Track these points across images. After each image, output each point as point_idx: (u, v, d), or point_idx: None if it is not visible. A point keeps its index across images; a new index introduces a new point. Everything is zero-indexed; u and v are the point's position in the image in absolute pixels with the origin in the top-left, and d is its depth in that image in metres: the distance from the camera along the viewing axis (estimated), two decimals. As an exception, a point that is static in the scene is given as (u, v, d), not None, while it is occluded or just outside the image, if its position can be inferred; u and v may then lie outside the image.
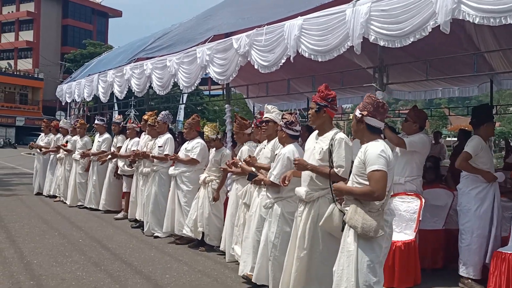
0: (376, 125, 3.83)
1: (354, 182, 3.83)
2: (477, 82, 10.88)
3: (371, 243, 3.67)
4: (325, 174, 4.44)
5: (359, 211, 3.70)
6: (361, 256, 3.68)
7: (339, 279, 3.80)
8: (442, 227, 6.30)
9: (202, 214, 7.19)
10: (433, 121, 52.47)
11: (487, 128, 5.79)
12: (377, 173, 3.60)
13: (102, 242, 7.63)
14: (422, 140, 6.05)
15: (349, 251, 3.75)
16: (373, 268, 3.66)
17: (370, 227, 3.62)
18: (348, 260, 3.74)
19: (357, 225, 3.65)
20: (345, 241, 3.84)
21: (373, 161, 3.63)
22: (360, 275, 3.66)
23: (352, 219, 3.70)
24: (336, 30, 5.68)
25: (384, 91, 5.67)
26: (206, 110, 49.63)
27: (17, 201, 11.89)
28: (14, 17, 64.46)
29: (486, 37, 7.43)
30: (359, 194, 3.71)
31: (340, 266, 3.84)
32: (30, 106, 59.27)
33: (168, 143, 8.23)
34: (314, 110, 4.59)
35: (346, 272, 3.75)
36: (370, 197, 3.65)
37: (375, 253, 3.69)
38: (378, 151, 3.66)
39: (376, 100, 3.85)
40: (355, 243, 3.71)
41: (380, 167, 3.61)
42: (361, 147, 3.84)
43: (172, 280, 5.78)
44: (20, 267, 6.14)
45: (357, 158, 3.82)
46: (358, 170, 3.77)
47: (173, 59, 8.96)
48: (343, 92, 11.72)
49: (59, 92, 15.48)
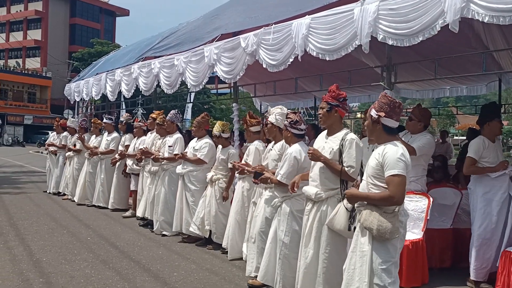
0: (392, 126, 3.75)
1: (369, 183, 3.76)
2: (486, 80, 10.83)
3: (385, 244, 3.62)
4: (336, 171, 4.44)
5: (374, 213, 3.64)
6: (375, 257, 3.63)
7: (350, 278, 3.77)
8: (450, 227, 6.29)
9: (209, 213, 7.21)
10: (440, 120, 52.23)
11: (491, 126, 5.73)
12: (396, 178, 3.54)
13: (110, 240, 7.68)
14: (429, 142, 6.06)
15: (363, 251, 3.70)
16: (388, 269, 3.62)
17: (386, 229, 3.56)
18: (361, 260, 3.69)
19: (372, 227, 3.59)
20: (358, 240, 3.79)
21: (392, 165, 3.56)
22: (374, 276, 3.62)
23: (366, 220, 3.65)
24: (344, 29, 5.68)
25: (392, 90, 5.66)
26: (213, 109, 49.66)
27: (26, 199, 11.96)
28: (22, 16, 64.75)
29: (494, 36, 7.39)
30: (378, 199, 3.64)
31: (351, 265, 3.80)
32: (38, 104, 59.55)
33: (178, 142, 8.26)
34: (326, 110, 4.58)
35: (358, 271, 3.70)
36: (389, 202, 3.59)
37: (390, 254, 3.64)
38: (397, 154, 3.59)
39: (392, 100, 3.77)
40: (370, 244, 3.66)
41: (400, 172, 3.55)
42: (378, 148, 3.76)
43: (180, 278, 5.81)
44: (29, 264, 6.19)
45: (373, 158, 3.74)
46: (375, 172, 3.69)
47: (181, 58, 8.98)
48: (350, 91, 11.67)
49: (68, 91, 15.54)
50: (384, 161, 3.61)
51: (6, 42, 61.45)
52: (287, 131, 5.22)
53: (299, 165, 5.04)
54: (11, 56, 66.41)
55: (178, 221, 7.83)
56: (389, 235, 3.57)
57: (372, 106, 3.84)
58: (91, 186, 11.15)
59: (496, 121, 5.76)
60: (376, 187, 3.68)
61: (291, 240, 5.06)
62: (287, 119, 5.23)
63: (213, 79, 14.13)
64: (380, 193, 3.63)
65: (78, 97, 14.61)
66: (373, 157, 3.75)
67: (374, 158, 3.72)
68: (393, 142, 3.70)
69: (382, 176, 3.63)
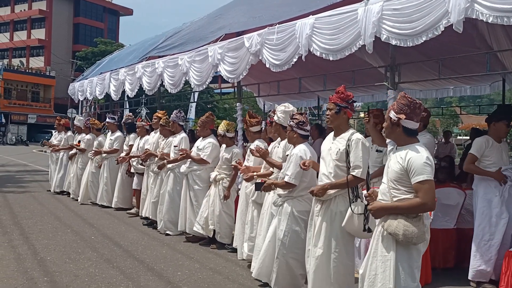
0: (413, 128, 3.63)
1: (391, 187, 3.62)
2: (489, 80, 10.82)
3: (410, 248, 3.54)
4: (343, 184, 4.42)
5: (398, 217, 3.51)
6: (400, 262, 3.53)
7: (371, 284, 3.67)
8: (454, 227, 6.29)
9: (213, 212, 7.23)
10: (444, 119, 52.15)
11: (497, 127, 5.69)
12: (426, 184, 3.42)
13: (114, 239, 7.70)
14: (429, 141, 6.07)
15: (385, 256, 3.59)
16: (412, 274, 3.54)
17: (413, 233, 3.45)
18: (384, 265, 3.59)
19: (398, 233, 3.47)
20: (378, 245, 3.67)
21: (419, 171, 3.44)
22: (399, 281, 3.52)
23: (391, 226, 3.52)
24: (348, 29, 5.68)
25: (395, 90, 5.66)
26: (216, 108, 49.68)
27: (30, 198, 12.01)
28: (26, 15, 64.94)
29: (498, 36, 7.38)
30: (409, 208, 3.50)
31: (372, 271, 3.69)
32: (41, 103, 59.73)
33: (183, 142, 8.27)
34: (334, 112, 4.56)
35: (381, 277, 3.59)
36: (422, 209, 3.48)
37: (414, 258, 3.57)
38: (423, 159, 3.47)
39: (412, 100, 3.61)
40: (393, 249, 3.55)
41: (428, 177, 3.43)
42: (399, 151, 3.63)
43: (184, 277, 5.82)
44: (34, 263, 6.22)
45: (396, 163, 3.58)
46: (398, 177, 3.55)
47: (185, 58, 9.00)
48: (354, 91, 11.59)
49: (71, 90, 15.58)
50: (410, 167, 3.48)
51: (10, 41, 61.71)
52: (293, 131, 5.21)
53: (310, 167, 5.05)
54: (15, 55, 66.59)
55: (183, 220, 7.85)
56: (416, 240, 3.47)
57: (391, 108, 3.70)
58: (93, 186, 11.17)
59: (503, 122, 5.66)
60: (399, 191, 3.57)
61: (290, 240, 5.07)
62: (293, 119, 5.20)
63: (216, 79, 14.16)
64: (410, 201, 3.50)
65: (82, 96, 14.64)
66: (395, 161, 3.61)
67: (397, 162, 3.58)
68: (415, 145, 3.60)
69: (406, 180, 3.51)
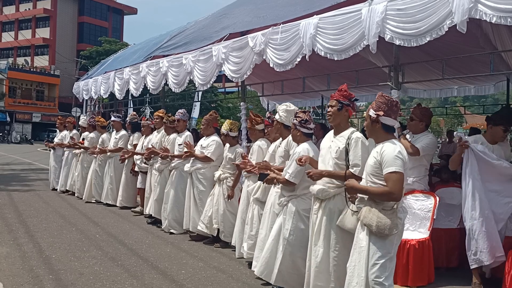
0: (390, 124, 3.88)
1: (368, 181, 3.88)
2: (494, 80, 10.83)
3: (383, 239, 3.74)
4: (341, 177, 4.46)
5: (373, 210, 3.75)
6: (372, 252, 3.75)
7: (351, 275, 3.90)
8: (457, 226, 6.28)
9: (217, 211, 7.26)
10: (448, 119, 52.08)
11: (493, 130, 5.59)
12: (394, 175, 3.66)
13: (118, 237, 7.74)
14: (432, 142, 6.10)
15: (361, 247, 3.83)
16: (383, 264, 3.73)
17: (385, 225, 3.68)
18: (360, 256, 3.83)
19: (371, 224, 3.71)
20: (358, 237, 3.93)
21: (390, 163, 3.68)
22: (370, 271, 3.73)
23: (366, 217, 3.76)
24: (352, 29, 5.71)
25: (399, 90, 5.68)
26: (220, 107, 49.73)
27: (35, 196, 12.06)
28: (31, 14, 65.11)
29: (503, 36, 7.39)
30: (376, 194, 3.75)
31: (352, 262, 3.93)
32: (46, 102, 59.88)
33: (187, 140, 8.28)
34: (336, 108, 4.58)
35: (357, 268, 3.83)
36: (387, 197, 3.70)
37: (386, 249, 3.75)
38: (395, 152, 3.71)
39: (389, 99, 3.90)
40: (367, 239, 3.79)
41: (398, 169, 3.66)
42: (376, 147, 3.89)
43: (188, 276, 5.85)
44: (39, 261, 6.26)
45: (371, 157, 3.87)
46: (374, 170, 3.82)
47: (189, 57, 9.03)
48: (358, 90, 11.68)
49: (76, 89, 15.63)
50: (382, 159, 3.73)
51: (15, 40, 61.84)
52: (296, 130, 5.23)
53: (307, 163, 5.06)
54: (19, 54, 66.79)
55: (188, 219, 7.87)
56: (388, 231, 3.69)
57: (370, 107, 3.95)
58: (97, 185, 11.21)
59: (500, 127, 5.55)
60: (375, 185, 3.80)
61: (296, 238, 5.10)
62: (297, 118, 5.23)
63: (220, 78, 14.20)
64: (378, 188, 3.75)
65: (87, 96, 14.69)
66: (371, 156, 3.89)
67: (373, 156, 3.86)
68: (391, 140, 3.83)
69: (381, 174, 3.75)
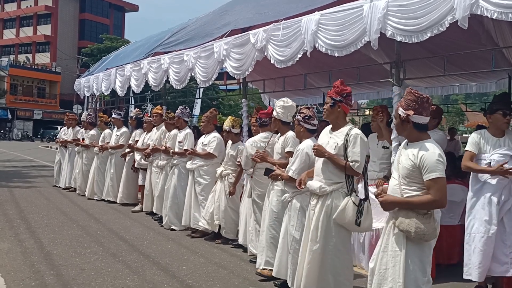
0: (423, 122, 3.64)
1: (402, 184, 3.66)
2: (495, 77, 10.79)
3: (421, 243, 3.58)
4: (341, 166, 4.47)
5: (410, 215, 3.54)
6: (411, 257, 3.58)
7: (382, 278, 3.70)
8: (458, 223, 6.28)
9: (218, 207, 7.27)
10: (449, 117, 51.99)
11: (492, 119, 5.25)
12: (438, 181, 3.46)
13: (119, 234, 7.75)
14: (442, 138, 6.07)
15: (395, 251, 3.64)
16: (423, 268, 3.58)
17: (424, 231, 3.50)
18: (394, 260, 3.63)
19: (410, 230, 3.51)
20: (389, 239, 3.71)
21: (432, 168, 3.47)
22: (409, 276, 3.55)
23: (403, 223, 3.55)
24: (353, 25, 5.69)
25: (400, 86, 5.67)
26: (221, 105, 49.71)
27: (36, 193, 12.08)
28: (32, 12, 65.09)
29: (505, 33, 7.37)
30: (420, 205, 3.54)
31: (382, 265, 3.72)
32: (47, 99, 59.94)
33: (187, 138, 8.30)
34: (329, 105, 4.62)
35: (391, 272, 3.63)
36: (433, 206, 3.53)
37: (425, 253, 3.61)
38: (436, 156, 3.51)
39: (419, 95, 3.62)
40: (404, 244, 3.59)
41: (441, 174, 3.47)
42: (411, 148, 3.66)
43: (189, 271, 5.87)
44: (40, 257, 6.27)
45: (407, 159, 3.61)
46: (410, 173, 3.59)
47: (191, 54, 9.02)
48: (359, 87, 11.70)
49: (77, 86, 15.63)
50: (422, 164, 3.51)
51: (16, 37, 61.84)
52: (300, 125, 5.24)
53: (310, 161, 5.05)
54: (21, 51, 66.77)
55: (187, 216, 7.89)
56: (427, 237, 3.52)
57: (399, 105, 3.74)
58: (99, 182, 11.22)
59: (498, 113, 5.19)
60: (410, 188, 3.61)
61: (301, 234, 5.09)
62: (301, 114, 5.24)
63: (222, 75, 14.18)
64: (421, 198, 3.53)
65: (88, 92, 14.70)
66: (406, 158, 3.64)
67: (409, 159, 3.61)
68: (427, 141, 3.62)
69: (418, 177, 3.56)
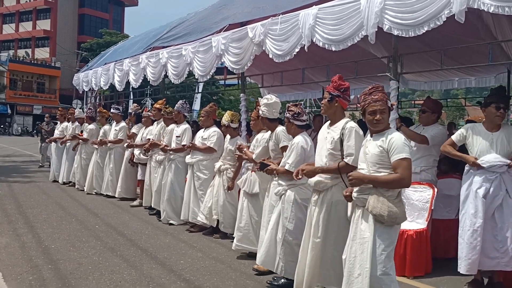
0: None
1: (371, 172, 3.82)
2: (494, 72, 10.78)
3: (389, 229, 3.73)
4: (335, 170, 4.46)
5: (381, 200, 3.70)
6: (378, 243, 3.71)
7: (352, 266, 3.84)
8: (455, 217, 6.27)
9: (217, 202, 7.27)
10: (450, 112, 52.02)
11: (487, 112, 5.17)
12: (405, 161, 3.67)
13: (118, 228, 7.76)
14: (441, 132, 6.10)
15: (363, 238, 3.78)
16: (389, 254, 3.72)
17: (396, 213, 3.67)
18: (362, 247, 3.78)
19: (383, 214, 3.65)
20: (358, 228, 3.87)
21: (400, 149, 3.68)
22: (376, 262, 3.69)
23: (376, 208, 3.69)
24: (351, 19, 5.71)
25: (398, 80, 5.67)
26: (221, 100, 49.70)
27: (35, 188, 12.09)
28: (32, 6, 65.03)
29: (504, 26, 7.36)
30: (387, 181, 3.71)
31: (352, 253, 3.87)
32: (47, 94, 59.94)
33: (185, 133, 8.29)
34: (327, 100, 4.63)
35: (359, 259, 3.78)
36: (399, 184, 3.71)
37: (392, 239, 3.76)
38: (402, 139, 3.74)
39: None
40: (372, 230, 3.73)
41: (408, 155, 3.69)
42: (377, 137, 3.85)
43: (187, 266, 5.88)
44: (38, 251, 6.28)
45: (375, 147, 3.82)
46: (379, 159, 3.78)
47: (189, 48, 9.01)
48: (358, 82, 11.67)
49: (76, 81, 15.62)
50: (391, 146, 3.72)
51: (16, 32, 61.79)
52: (290, 123, 5.29)
53: (306, 154, 5.11)
54: (20, 46, 66.74)
55: (186, 210, 7.90)
56: (400, 219, 3.71)
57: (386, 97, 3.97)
58: (98, 176, 11.21)
59: (491, 106, 5.10)
60: (380, 174, 3.77)
61: (295, 227, 5.12)
62: (289, 111, 5.29)
63: (222, 70, 14.17)
64: (390, 175, 3.71)
65: (87, 87, 14.70)
66: (375, 146, 3.83)
67: (377, 146, 3.81)
68: (390, 130, 3.86)
69: (387, 162, 3.74)
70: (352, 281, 3.82)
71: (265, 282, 5.29)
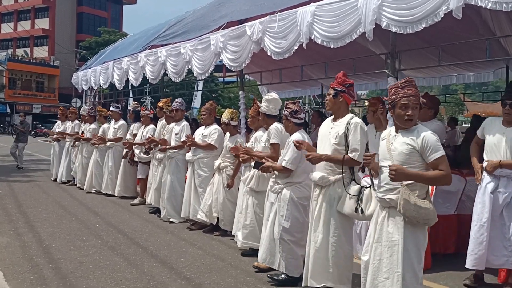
0: None
1: None
2: (493, 67, 10.79)
3: (416, 230, 3.65)
4: (339, 161, 4.51)
5: (412, 200, 3.54)
6: (409, 245, 3.62)
7: (376, 269, 3.74)
8: (454, 213, 6.31)
9: (216, 200, 7.28)
10: (449, 107, 51.92)
11: (504, 110, 5.11)
12: (443, 158, 3.59)
13: (118, 227, 7.78)
14: (440, 128, 6.09)
15: (392, 241, 3.67)
16: (419, 256, 3.68)
17: (428, 215, 3.58)
18: (391, 250, 3.67)
19: (417, 216, 3.54)
20: (383, 230, 3.74)
21: (435, 148, 3.57)
22: (407, 264, 3.60)
23: (408, 210, 3.54)
24: (349, 16, 5.70)
25: (396, 77, 5.68)
26: (221, 97, 49.68)
27: (35, 187, 12.10)
28: (30, 5, 64.91)
29: (502, 22, 7.38)
30: (434, 178, 3.61)
31: (376, 256, 3.76)
32: (46, 93, 59.89)
33: (184, 130, 8.30)
34: (332, 96, 4.67)
35: (387, 262, 3.67)
36: (445, 181, 3.63)
37: (420, 241, 3.70)
38: (435, 137, 3.63)
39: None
40: (401, 233, 3.63)
41: (443, 152, 3.61)
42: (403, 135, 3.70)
43: (187, 263, 5.89)
44: (39, 250, 6.30)
45: (404, 145, 3.65)
46: (408, 159, 3.62)
47: (187, 46, 9.01)
48: (357, 78, 11.67)
49: (75, 80, 15.61)
50: (425, 146, 3.58)
51: (14, 31, 61.71)
52: (288, 120, 5.31)
53: (303, 151, 5.12)
54: (19, 45, 66.67)
55: (186, 207, 7.91)
56: (431, 220, 3.62)
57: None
58: (98, 175, 11.22)
59: (501, 103, 5.18)
60: None
61: (291, 225, 5.16)
62: (287, 109, 5.31)
63: (221, 68, 14.16)
64: (434, 172, 3.59)
65: (86, 86, 14.68)
66: (402, 143, 3.67)
67: (406, 143, 3.65)
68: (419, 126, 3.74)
69: (418, 160, 3.63)
70: (377, 285, 3.74)
71: (266, 279, 5.30)
